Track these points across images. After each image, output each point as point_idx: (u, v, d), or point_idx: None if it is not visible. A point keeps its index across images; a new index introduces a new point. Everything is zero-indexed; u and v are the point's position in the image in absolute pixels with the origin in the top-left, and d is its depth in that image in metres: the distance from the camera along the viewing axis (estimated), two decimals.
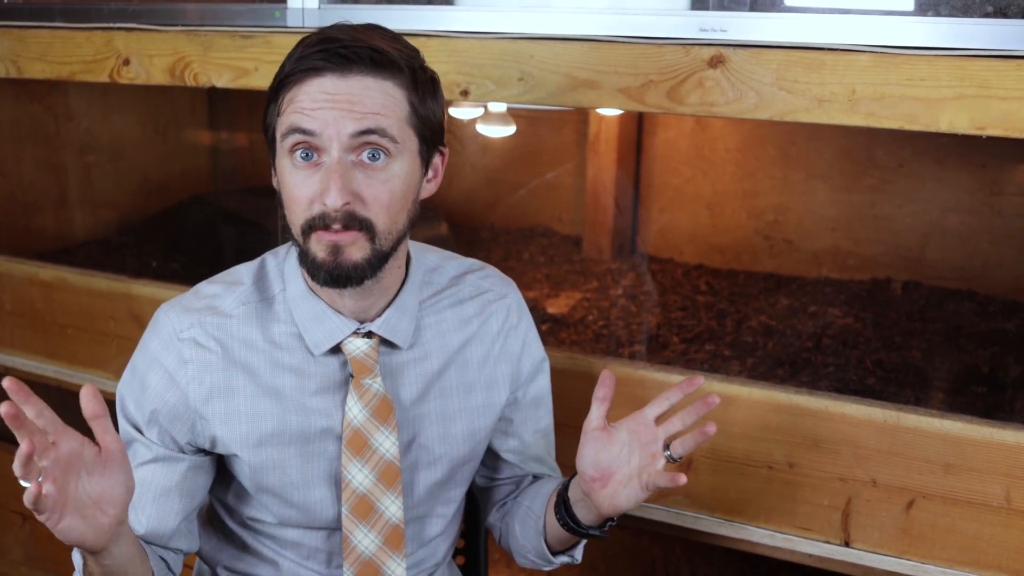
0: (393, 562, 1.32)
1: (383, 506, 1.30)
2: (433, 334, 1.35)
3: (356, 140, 1.16)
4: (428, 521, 1.39)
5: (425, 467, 1.35)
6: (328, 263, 1.19)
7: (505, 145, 2.82)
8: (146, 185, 2.86)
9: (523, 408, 1.45)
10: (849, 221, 2.49)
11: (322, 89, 1.16)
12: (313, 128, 1.16)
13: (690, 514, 1.67)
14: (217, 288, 1.33)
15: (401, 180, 1.21)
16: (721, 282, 2.51)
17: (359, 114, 1.16)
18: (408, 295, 1.32)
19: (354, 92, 1.16)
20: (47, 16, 2.09)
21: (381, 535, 1.31)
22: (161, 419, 1.29)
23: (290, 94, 1.19)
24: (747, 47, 1.49)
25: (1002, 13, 1.38)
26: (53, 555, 2.48)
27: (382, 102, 1.17)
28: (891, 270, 2.44)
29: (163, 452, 1.30)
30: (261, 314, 1.30)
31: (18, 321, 2.29)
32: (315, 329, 1.28)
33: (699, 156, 2.64)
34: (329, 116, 1.15)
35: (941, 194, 2.39)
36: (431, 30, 1.70)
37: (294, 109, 1.18)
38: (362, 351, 1.29)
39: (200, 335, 1.28)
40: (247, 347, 1.29)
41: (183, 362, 1.28)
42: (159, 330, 1.30)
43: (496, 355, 1.39)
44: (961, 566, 1.50)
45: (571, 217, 2.84)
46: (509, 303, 1.42)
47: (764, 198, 2.58)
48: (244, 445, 1.28)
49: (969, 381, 1.93)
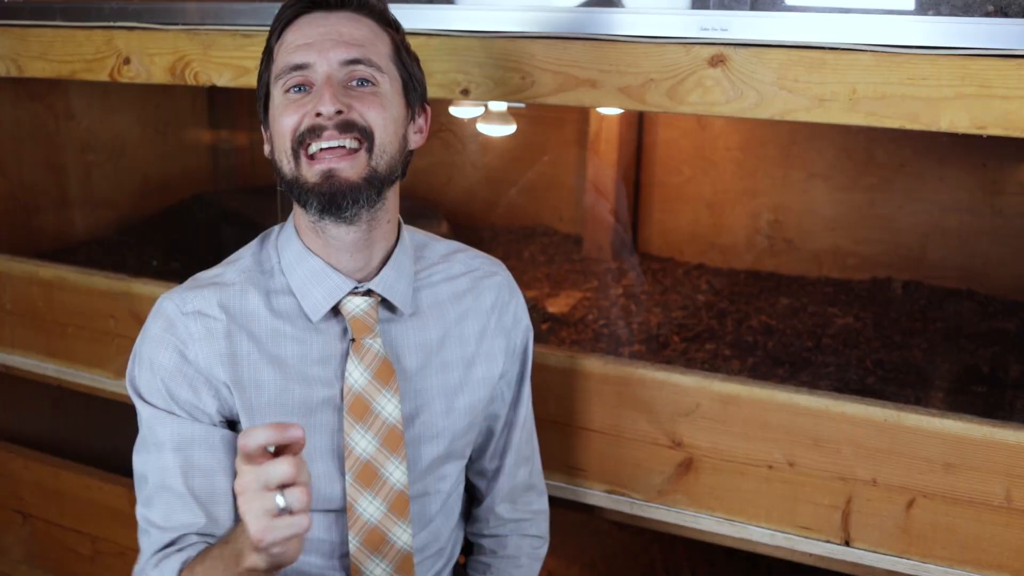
0: (399, 528, 1.31)
1: (387, 472, 1.30)
2: (430, 304, 1.37)
3: (345, 69, 1.22)
4: (426, 499, 1.39)
5: (428, 441, 1.36)
6: (321, 185, 1.21)
7: (505, 144, 2.81)
8: (146, 184, 2.86)
9: (512, 382, 1.47)
10: (849, 221, 2.49)
11: (311, 24, 1.24)
12: (304, 61, 1.22)
13: (690, 514, 1.67)
14: (217, 269, 1.35)
15: (391, 102, 1.25)
16: (721, 282, 2.51)
17: (346, 44, 1.22)
18: (403, 255, 1.34)
19: (341, 23, 1.24)
20: (48, 15, 2.09)
21: (386, 502, 1.30)
22: (184, 396, 1.26)
23: (280, 39, 1.26)
24: (748, 46, 1.49)
25: (1003, 12, 1.38)
26: (53, 555, 2.48)
27: (367, 35, 1.25)
28: (891, 270, 2.44)
29: (200, 427, 1.26)
30: (261, 284, 1.31)
31: (18, 320, 2.29)
32: (313, 291, 1.29)
33: (699, 156, 2.64)
34: (318, 47, 1.22)
35: (941, 194, 2.39)
36: (431, 29, 1.70)
37: (285, 49, 1.24)
38: (361, 309, 1.29)
39: (204, 306, 1.28)
40: (249, 316, 1.29)
41: (190, 335, 1.27)
42: (161, 314, 1.29)
43: (492, 329, 1.41)
44: (961, 565, 1.50)
45: (571, 217, 2.84)
46: (500, 280, 1.44)
47: (764, 198, 2.58)
48: (249, 414, 1.28)
49: (969, 381, 1.93)
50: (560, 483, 1.74)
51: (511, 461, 1.48)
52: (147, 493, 1.28)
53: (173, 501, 1.25)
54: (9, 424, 2.63)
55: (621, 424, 1.68)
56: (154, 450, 1.27)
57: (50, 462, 2.43)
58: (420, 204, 2.75)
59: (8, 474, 2.49)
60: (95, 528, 2.36)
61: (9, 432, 2.60)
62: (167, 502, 1.26)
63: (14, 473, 2.47)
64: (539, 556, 1.54)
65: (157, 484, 1.26)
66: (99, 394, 2.22)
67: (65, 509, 2.41)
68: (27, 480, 2.45)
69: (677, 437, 1.65)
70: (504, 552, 1.51)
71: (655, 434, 1.66)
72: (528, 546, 1.52)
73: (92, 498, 2.32)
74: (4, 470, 2.49)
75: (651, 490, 1.68)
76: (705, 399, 1.61)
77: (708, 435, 1.62)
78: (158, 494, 1.26)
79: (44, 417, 2.71)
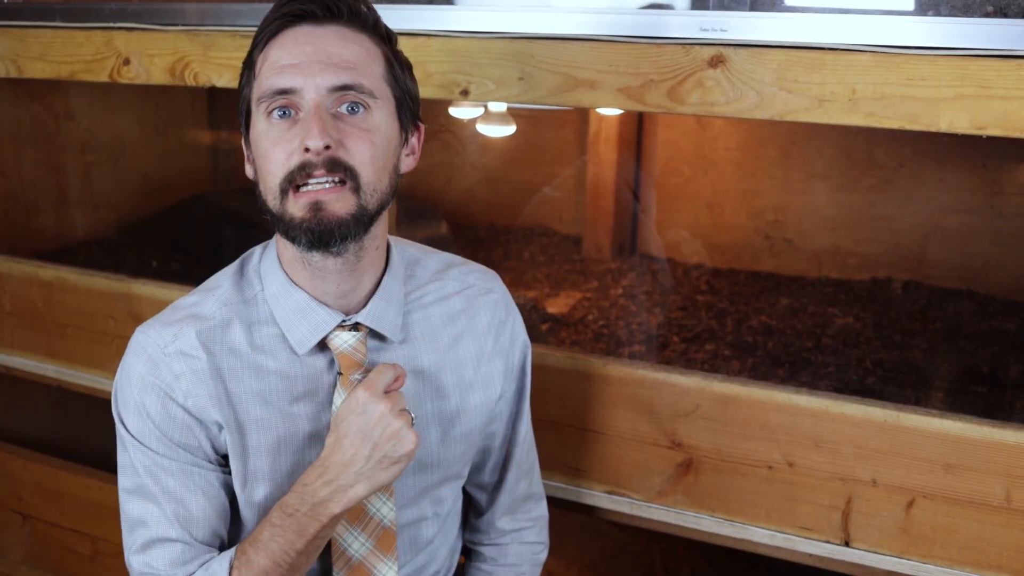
0: (384, 565, 1.28)
1: (374, 508, 1.27)
2: (422, 330, 1.31)
3: (334, 95, 1.13)
4: (423, 524, 1.37)
5: (423, 470, 1.33)
6: (309, 220, 1.14)
7: (505, 145, 2.82)
8: (146, 185, 2.86)
9: (511, 399, 1.43)
10: (849, 221, 2.49)
11: (297, 40, 1.13)
12: (290, 85, 1.12)
13: (690, 514, 1.67)
14: (196, 297, 1.28)
15: (382, 134, 1.17)
16: (721, 282, 2.52)
17: (336, 67, 1.12)
18: (392, 281, 1.28)
19: (331, 41, 1.13)
20: (47, 16, 2.09)
21: (372, 538, 1.27)
22: (177, 436, 1.23)
23: (264, 53, 1.15)
24: (747, 47, 1.49)
25: (1002, 13, 1.38)
26: (53, 555, 2.48)
27: (359, 54, 1.15)
28: (891, 270, 2.44)
29: (192, 466, 1.24)
30: (243, 316, 1.25)
31: (18, 321, 2.29)
32: (299, 325, 1.23)
33: (699, 156, 2.64)
34: (305, 70, 1.12)
35: (941, 194, 2.39)
36: (431, 30, 1.70)
37: (269, 68, 1.14)
38: (349, 344, 1.24)
39: (185, 345, 1.23)
40: (231, 353, 1.24)
41: (175, 376, 1.22)
42: (142, 352, 1.24)
43: (489, 352, 1.36)
44: (961, 566, 1.50)
45: (571, 217, 2.84)
46: (496, 298, 1.39)
47: (764, 198, 2.58)
48: (241, 456, 1.24)
49: (969, 381, 1.93)
50: (560, 484, 1.73)
51: (512, 476, 1.46)
52: (147, 538, 1.24)
53: (179, 548, 1.22)
54: (9, 424, 2.63)
55: (621, 425, 1.68)
56: (160, 498, 1.23)
57: (50, 462, 2.43)
58: (420, 204, 2.75)
59: (8, 474, 2.49)
60: (95, 528, 2.36)
61: (9, 432, 2.61)
62: (173, 547, 1.23)
63: (14, 473, 2.47)
64: (539, 561, 1.53)
65: (157, 534, 1.23)
66: (99, 394, 2.21)
67: (65, 509, 2.41)
68: (27, 480, 2.45)
69: (677, 437, 1.64)
70: (505, 560, 1.50)
71: (655, 434, 1.66)
72: (529, 552, 1.51)
73: (92, 498, 2.32)
74: (4, 470, 2.49)
75: (651, 490, 1.68)
76: (705, 399, 1.61)
77: (708, 435, 1.62)
78: (159, 544, 1.23)
79: (44, 417, 2.71)
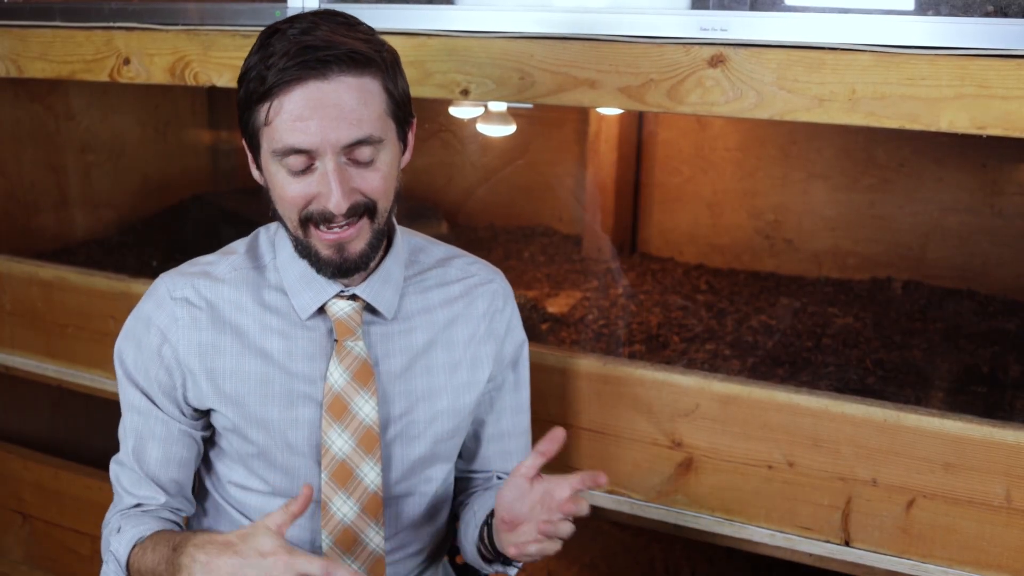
0: (371, 530, 1.34)
1: (362, 472, 1.32)
2: (418, 308, 1.39)
3: (347, 148, 1.22)
4: (410, 500, 1.41)
5: (408, 441, 1.37)
6: (335, 260, 1.27)
7: (505, 144, 2.81)
8: (146, 185, 2.86)
9: (506, 392, 1.47)
10: (849, 221, 2.49)
11: (307, 97, 1.19)
12: (306, 146, 1.20)
13: (690, 514, 1.67)
14: (212, 257, 1.40)
15: (388, 165, 1.27)
16: (721, 282, 2.51)
17: (348, 122, 1.20)
18: (392, 264, 1.36)
19: (339, 95, 1.20)
20: (47, 15, 2.09)
21: (359, 503, 1.33)
22: (161, 377, 1.35)
23: (275, 104, 1.21)
24: (747, 46, 1.49)
25: (1002, 13, 1.38)
26: (53, 555, 2.48)
27: (364, 101, 1.21)
28: (891, 270, 2.44)
29: (164, 413, 1.36)
30: (252, 280, 1.36)
31: (18, 321, 2.29)
32: (303, 291, 1.33)
33: (699, 156, 2.64)
34: (320, 127, 1.19)
35: (941, 194, 2.39)
36: (431, 30, 1.70)
37: (283, 123, 1.20)
38: (345, 312, 1.33)
39: (192, 295, 1.35)
40: (237, 309, 1.34)
41: (174, 319, 1.34)
42: (154, 293, 1.37)
43: (481, 335, 1.42)
44: (961, 565, 1.50)
45: (571, 217, 2.84)
46: (495, 288, 1.45)
47: (764, 198, 2.58)
48: (227, 401, 1.32)
49: (969, 381, 1.93)
50: None
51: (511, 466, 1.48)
52: (121, 455, 1.40)
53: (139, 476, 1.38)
54: (9, 424, 2.63)
55: (621, 424, 1.68)
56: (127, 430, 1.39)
57: (50, 462, 2.43)
58: (420, 204, 2.75)
59: (8, 474, 2.49)
60: (95, 528, 2.35)
61: (9, 432, 2.61)
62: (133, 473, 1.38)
63: (14, 473, 2.47)
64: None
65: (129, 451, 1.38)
66: (99, 394, 2.22)
67: (65, 509, 2.41)
68: (27, 480, 2.45)
69: (677, 437, 1.65)
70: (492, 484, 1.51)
71: (655, 434, 1.66)
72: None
73: (92, 498, 2.32)
74: (4, 470, 2.49)
75: (651, 490, 1.69)
76: (705, 399, 1.61)
77: (708, 435, 1.62)
78: (128, 462, 1.38)
79: (44, 417, 2.72)
